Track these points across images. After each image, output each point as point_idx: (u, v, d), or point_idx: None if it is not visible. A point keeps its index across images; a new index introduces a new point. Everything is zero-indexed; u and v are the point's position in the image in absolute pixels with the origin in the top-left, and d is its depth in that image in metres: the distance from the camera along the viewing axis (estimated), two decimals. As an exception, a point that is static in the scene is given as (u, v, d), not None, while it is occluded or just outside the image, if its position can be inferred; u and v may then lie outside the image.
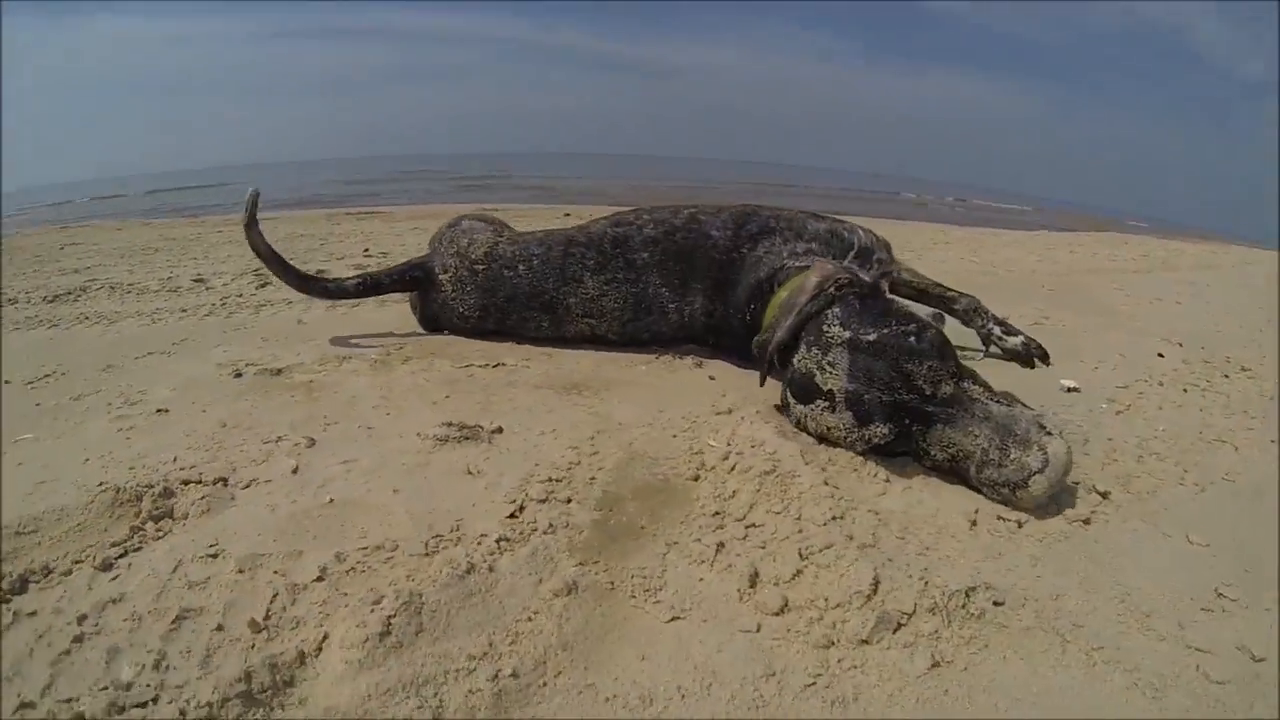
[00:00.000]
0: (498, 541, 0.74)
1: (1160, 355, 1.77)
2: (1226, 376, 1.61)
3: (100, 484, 0.89)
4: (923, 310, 1.23)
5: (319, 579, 0.68)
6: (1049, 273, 3.71)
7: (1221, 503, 0.98)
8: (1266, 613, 0.72)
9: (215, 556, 0.74)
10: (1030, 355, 1.61)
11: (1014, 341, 1.63)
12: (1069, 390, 1.46)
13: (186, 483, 0.91)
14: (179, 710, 0.52)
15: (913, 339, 1.01)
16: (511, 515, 0.80)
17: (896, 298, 1.25)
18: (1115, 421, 1.27)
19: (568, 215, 4.82)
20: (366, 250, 3.35)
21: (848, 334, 1.05)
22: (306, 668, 0.58)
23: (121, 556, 0.75)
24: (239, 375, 1.41)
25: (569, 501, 0.83)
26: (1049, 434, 0.92)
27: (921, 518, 0.84)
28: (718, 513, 0.81)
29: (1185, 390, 1.48)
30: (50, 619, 0.63)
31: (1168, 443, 1.17)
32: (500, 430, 1.11)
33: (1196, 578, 0.78)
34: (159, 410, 1.21)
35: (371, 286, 1.78)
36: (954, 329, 1.39)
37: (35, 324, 1.87)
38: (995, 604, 0.65)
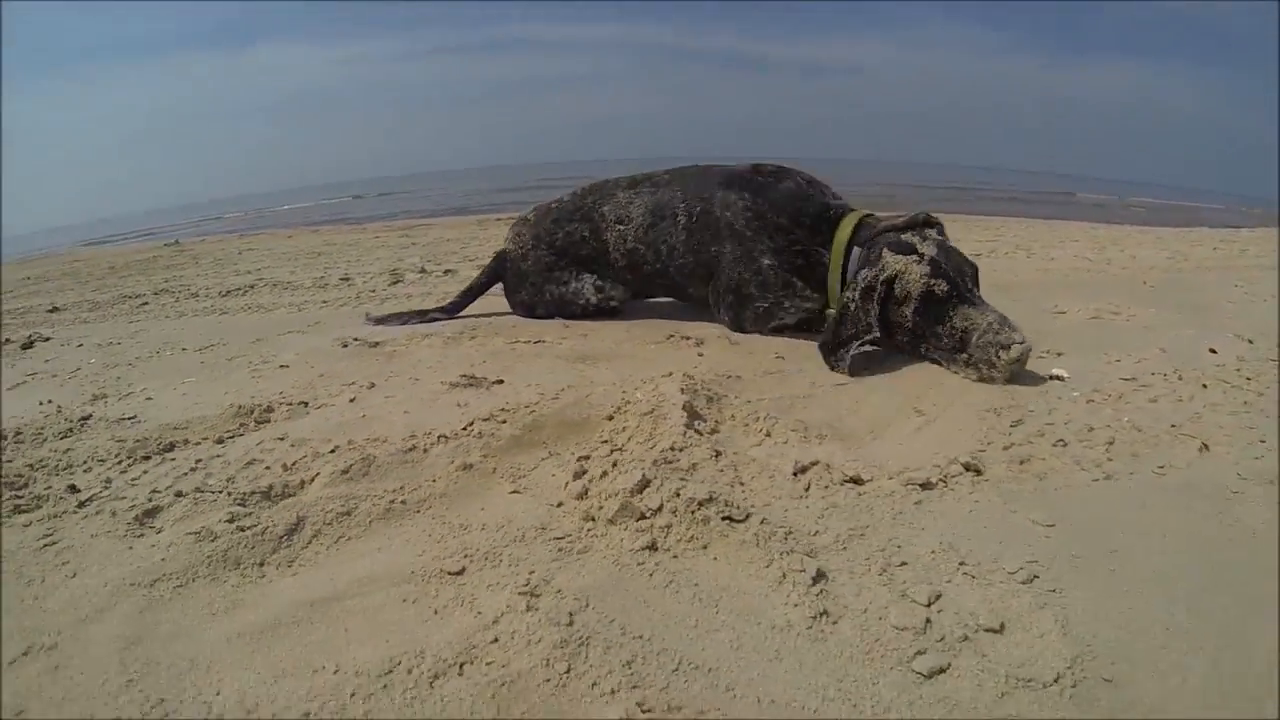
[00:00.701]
0: (440, 438, 1.10)
1: (1212, 350, 1.72)
2: None
3: (230, 404, 1.38)
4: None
5: (332, 451, 1.08)
6: (1166, 268, 3.52)
7: (1120, 494, 0.97)
8: (1022, 587, 0.74)
9: (282, 439, 1.17)
10: None
11: None
12: (1051, 378, 1.52)
13: (282, 404, 1.37)
14: (235, 499, 0.94)
15: (968, 259, 1.69)
16: (464, 428, 1.15)
17: None
18: (1074, 409, 1.31)
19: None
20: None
21: (940, 237, 1.69)
22: (304, 488, 0.97)
23: (230, 438, 1.20)
24: (345, 346, 1.91)
25: (504, 423, 1.16)
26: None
27: (764, 462, 1.02)
28: (605, 440, 1.08)
29: (1205, 386, 1.45)
30: (179, 463, 1.09)
31: (1119, 433, 1.18)
32: (500, 382, 1.47)
33: (995, 552, 0.81)
34: (281, 366, 1.72)
35: (473, 291, 2.28)
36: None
37: (210, 312, 2.57)
38: (725, 518, 0.80)
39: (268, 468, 1.05)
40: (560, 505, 0.89)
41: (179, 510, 0.93)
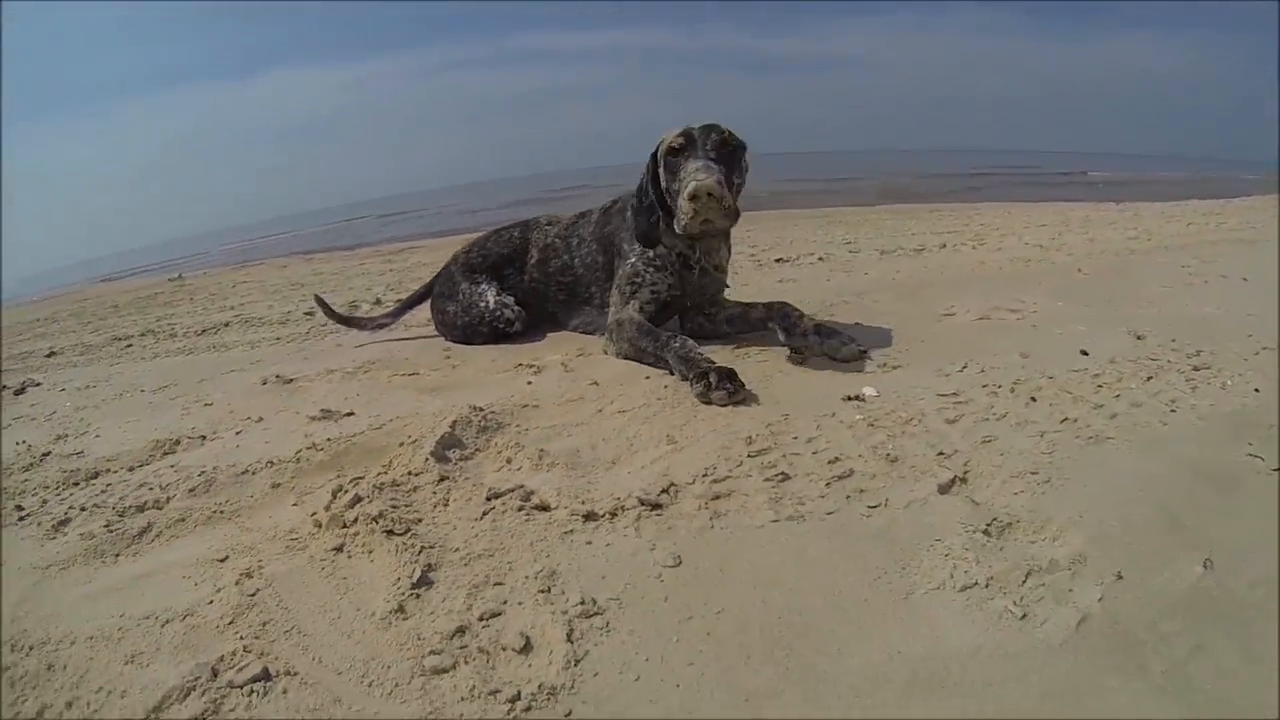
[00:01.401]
0: (268, 463, 1.57)
1: (1083, 353, 1.93)
2: (1150, 378, 1.73)
3: (151, 439, 1.89)
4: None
5: (200, 474, 1.59)
6: (1118, 251, 3.77)
7: (788, 538, 1.13)
8: (578, 620, 0.95)
9: (173, 467, 1.68)
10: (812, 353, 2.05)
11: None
12: (851, 399, 1.66)
13: (188, 438, 1.86)
14: (117, 511, 1.44)
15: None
16: (294, 455, 1.64)
17: None
18: (841, 435, 1.48)
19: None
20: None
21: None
22: (165, 503, 1.47)
23: (140, 466, 1.71)
24: (264, 384, 2.42)
25: (320, 451, 1.62)
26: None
27: (478, 486, 1.40)
28: (380, 466, 1.56)
29: (1034, 399, 1.61)
30: (96, 487, 1.61)
31: (864, 464, 1.34)
32: (351, 414, 1.94)
33: (587, 584, 1.03)
34: (206, 404, 2.23)
35: (412, 302, 3.07)
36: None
37: (180, 352, 3.14)
38: (387, 531, 1.17)
39: (150, 488, 1.55)
40: (314, 515, 1.35)
41: (80, 520, 1.43)
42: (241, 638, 1.00)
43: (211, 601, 1.10)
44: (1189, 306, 2.45)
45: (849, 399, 1.68)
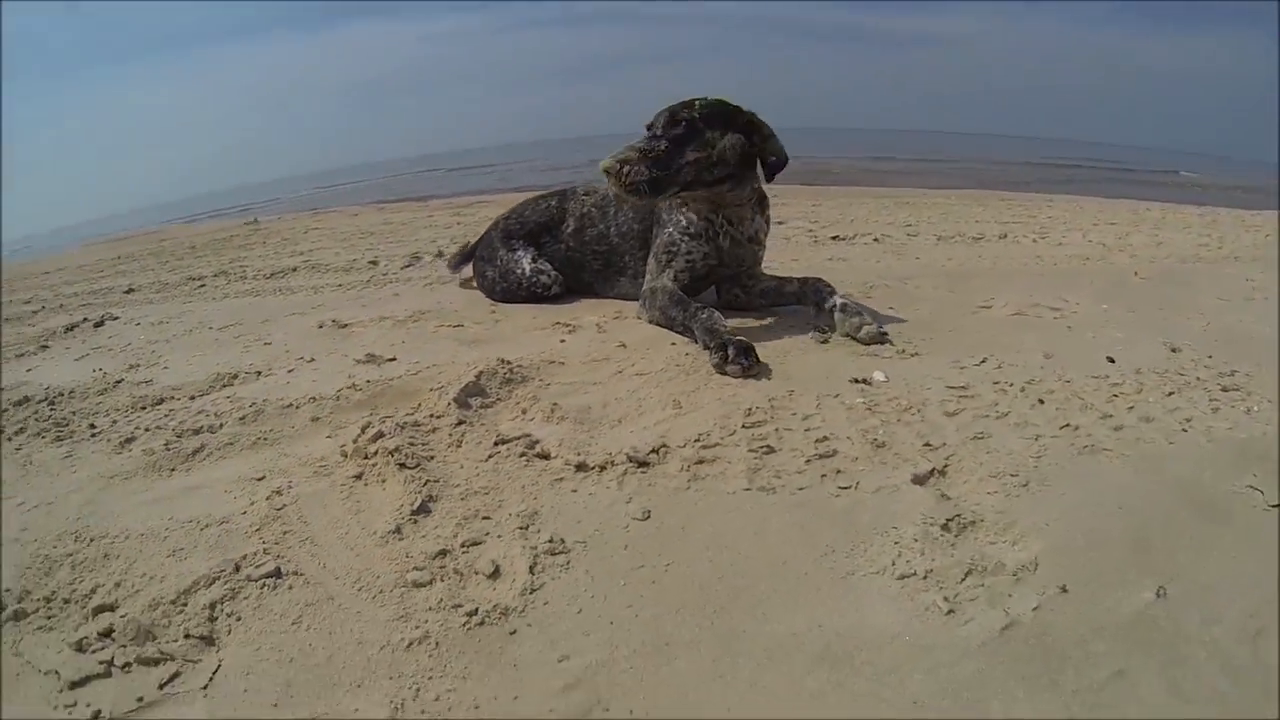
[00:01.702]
0: (311, 399, 1.71)
1: (1110, 359, 1.87)
2: (1171, 394, 1.64)
3: (213, 372, 2.09)
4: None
5: (250, 405, 1.77)
6: (1183, 257, 3.57)
7: (753, 507, 1.18)
8: (546, 558, 1.05)
9: (229, 398, 1.87)
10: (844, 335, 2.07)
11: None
12: (857, 381, 1.68)
13: (246, 373, 2.06)
14: (176, 433, 1.64)
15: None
16: (334, 393, 1.79)
17: None
18: (838, 416, 1.51)
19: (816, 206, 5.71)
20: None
21: None
22: (219, 429, 1.66)
23: (200, 396, 1.92)
24: (320, 327, 2.63)
25: (359, 390, 1.77)
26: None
27: (492, 432, 1.49)
28: (407, 407, 1.69)
29: (1041, 402, 1.58)
30: (161, 412, 1.82)
31: (849, 446, 1.37)
32: (393, 359, 2.09)
33: (559, 527, 1.13)
34: (265, 344, 2.45)
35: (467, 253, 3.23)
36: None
37: (248, 294, 3.39)
38: (400, 465, 1.32)
39: (206, 415, 1.74)
40: (342, 446, 1.49)
41: (144, 439, 1.63)
42: (264, 542, 1.15)
43: (245, 512, 1.26)
44: (1240, 323, 2.29)
45: (856, 381, 1.69)
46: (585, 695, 0.82)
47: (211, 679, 0.88)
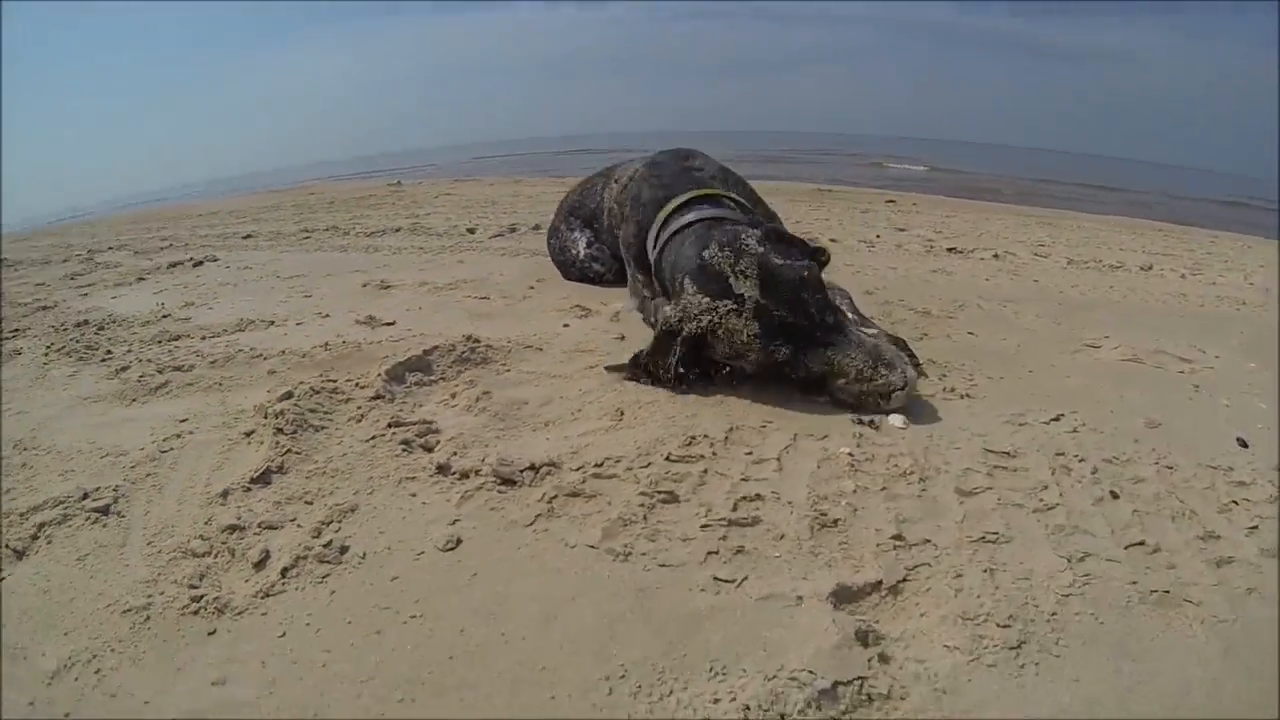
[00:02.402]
0: (284, 351, 1.90)
1: (1242, 443, 1.47)
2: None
3: (240, 317, 2.36)
4: None
5: (250, 349, 1.97)
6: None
7: (553, 557, 1.05)
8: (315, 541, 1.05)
9: (236, 340, 2.10)
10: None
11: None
12: (864, 423, 1.44)
13: (271, 322, 2.31)
14: (175, 367, 1.87)
15: (806, 273, 1.50)
16: (320, 345, 1.94)
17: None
18: (798, 467, 1.29)
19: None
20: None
21: (762, 249, 1.51)
22: (221, 365, 1.86)
23: (213, 337, 2.17)
24: (365, 286, 2.85)
25: (327, 349, 1.90)
26: (906, 361, 1.50)
27: (406, 412, 1.55)
28: (349, 374, 1.77)
29: (1113, 495, 1.24)
30: (175, 347, 2.08)
31: (766, 515, 1.15)
32: (391, 323, 2.21)
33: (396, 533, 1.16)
34: (306, 296, 2.71)
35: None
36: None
37: (338, 248, 3.77)
38: (293, 430, 1.41)
39: (196, 354, 1.96)
40: (258, 404, 1.58)
41: (134, 369, 1.87)
42: (124, 479, 1.29)
43: (141, 449, 1.41)
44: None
45: (861, 423, 1.47)
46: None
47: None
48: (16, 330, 2.31)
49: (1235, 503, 1.25)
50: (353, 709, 0.77)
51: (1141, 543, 1.11)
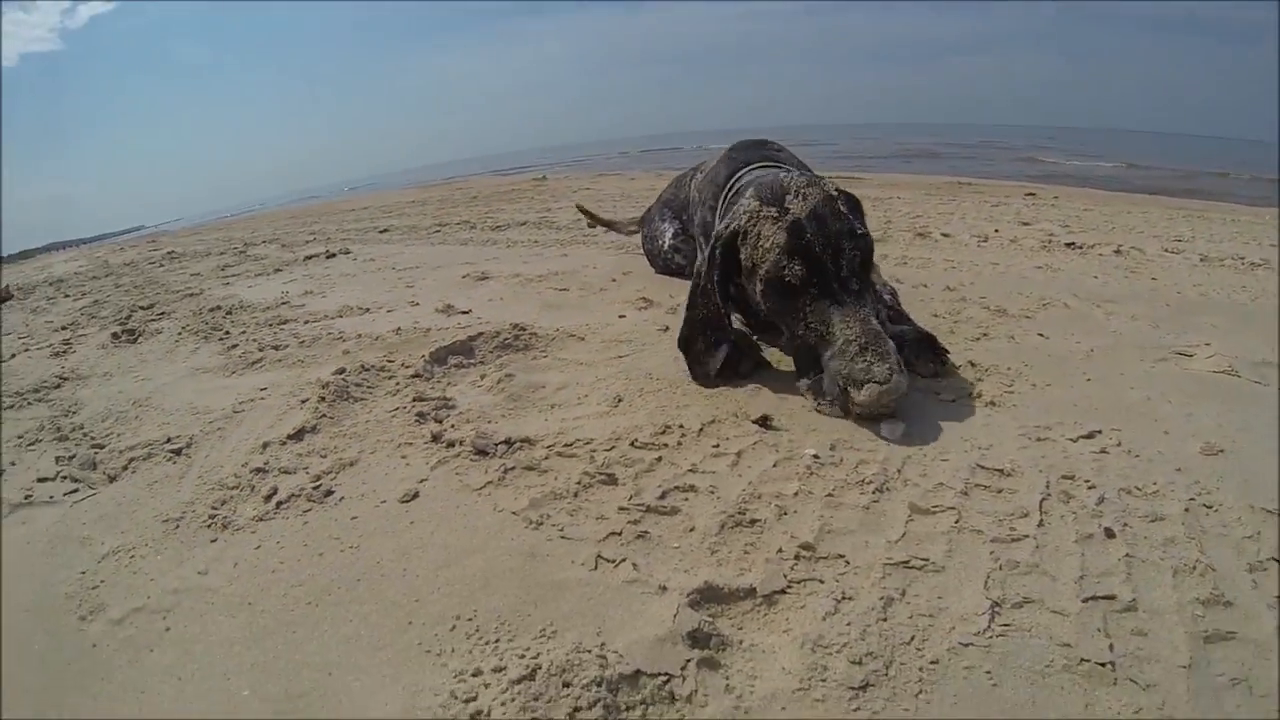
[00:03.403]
0: (359, 335, 2.36)
1: None
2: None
3: (345, 304, 2.89)
4: None
5: (337, 335, 2.47)
6: None
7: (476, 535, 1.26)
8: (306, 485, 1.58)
9: (332, 326, 2.62)
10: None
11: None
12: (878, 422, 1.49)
13: (366, 310, 2.82)
14: (273, 346, 2.41)
15: (860, 229, 1.65)
16: (392, 330, 2.39)
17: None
18: (762, 458, 1.47)
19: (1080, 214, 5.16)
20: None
21: (834, 192, 1.69)
22: (310, 344, 2.38)
23: (315, 321, 2.71)
24: (465, 277, 3.32)
25: (399, 334, 2.34)
26: (901, 370, 1.47)
27: (437, 391, 1.91)
28: (407, 358, 2.17)
29: (1108, 534, 1.15)
30: (279, 330, 2.64)
31: (687, 500, 1.28)
32: (467, 312, 2.62)
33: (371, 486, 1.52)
34: (408, 285, 3.21)
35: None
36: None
37: (460, 241, 4.32)
38: (338, 398, 1.83)
39: (293, 336, 2.49)
40: (319, 377, 2.02)
41: (240, 348, 2.43)
42: (199, 429, 1.77)
43: (222, 409, 1.89)
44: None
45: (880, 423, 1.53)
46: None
47: (68, 496, 1.48)
48: (163, 313, 3.02)
49: (1277, 561, 1.10)
50: (278, 604, 1.10)
51: (1111, 597, 1.02)
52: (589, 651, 0.94)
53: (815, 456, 1.42)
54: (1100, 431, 1.51)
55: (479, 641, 0.99)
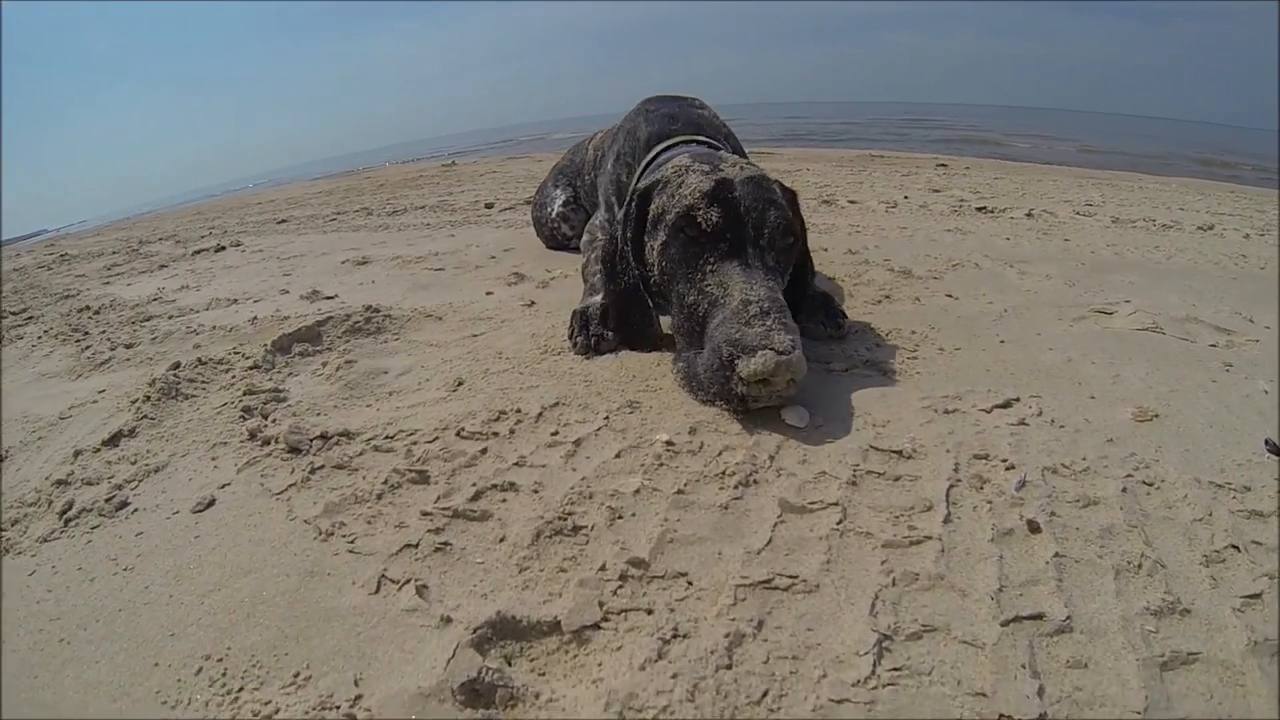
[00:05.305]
0: (274, 314, 2.16)
1: (1271, 448, 1.15)
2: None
3: (213, 297, 2.66)
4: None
5: (251, 319, 2.25)
6: None
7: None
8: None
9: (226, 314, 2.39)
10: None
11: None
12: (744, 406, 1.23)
13: (233, 301, 2.60)
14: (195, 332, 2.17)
15: (789, 197, 1.45)
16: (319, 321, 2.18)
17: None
18: (599, 453, 1.42)
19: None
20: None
21: (764, 174, 1.44)
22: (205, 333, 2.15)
23: (197, 312, 2.47)
24: (344, 262, 3.09)
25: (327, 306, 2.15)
26: (796, 349, 1.14)
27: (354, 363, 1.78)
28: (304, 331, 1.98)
29: (1032, 528, 0.92)
30: (163, 323, 2.39)
31: (495, 490, 1.13)
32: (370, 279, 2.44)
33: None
34: (286, 275, 2.99)
35: None
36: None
37: (353, 229, 4.06)
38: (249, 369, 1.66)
39: (150, 333, 2.25)
40: (155, 376, 1.83)
41: (93, 348, 2.19)
42: (24, 438, 1.56)
43: (50, 415, 1.67)
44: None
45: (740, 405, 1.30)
46: None
47: None
48: (31, 318, 2.72)
49: (1237, 548, 0.89)
50: (29, 642, 0.93)
51: (1038, 616, 0.76)
52: (336, 709, 0.74)
53: (669, 443, 1.17)
54: (1018, 399, 1.31)
55: (220, 690, 0.80)
